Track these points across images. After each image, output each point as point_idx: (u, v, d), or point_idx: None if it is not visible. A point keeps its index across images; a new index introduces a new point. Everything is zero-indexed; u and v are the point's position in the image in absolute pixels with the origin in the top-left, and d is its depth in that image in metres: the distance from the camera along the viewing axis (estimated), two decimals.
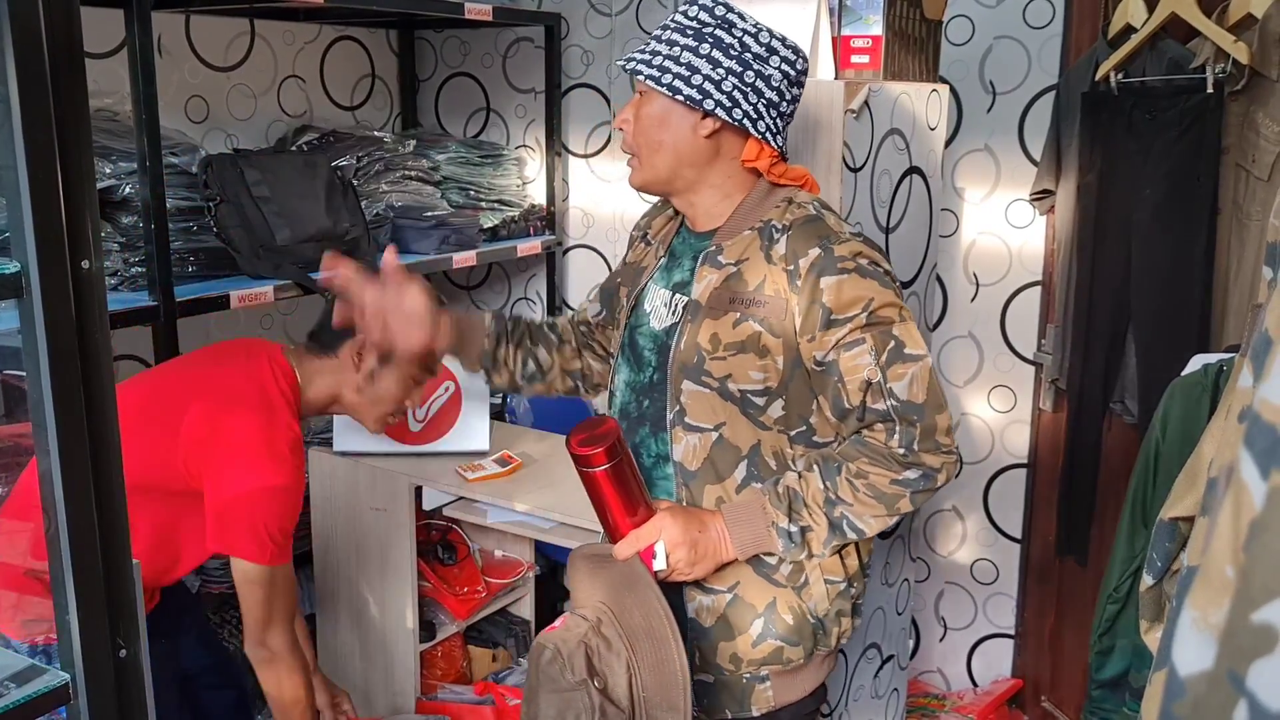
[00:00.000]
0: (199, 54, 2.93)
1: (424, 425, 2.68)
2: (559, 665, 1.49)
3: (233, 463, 1.90)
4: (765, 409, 1.57)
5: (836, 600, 1.65)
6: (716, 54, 1.53)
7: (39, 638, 1.69)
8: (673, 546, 1.54)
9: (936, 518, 3.12)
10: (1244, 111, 2.31)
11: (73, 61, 0.95)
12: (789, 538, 1.55)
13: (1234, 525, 0.72)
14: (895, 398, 1.51)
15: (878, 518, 1.54)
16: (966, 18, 2.82)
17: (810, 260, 1.52)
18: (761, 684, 1.65)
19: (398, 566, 2.60)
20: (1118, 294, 2.54)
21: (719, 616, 1.64)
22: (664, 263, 1.71)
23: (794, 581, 1.63)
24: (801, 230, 1.55)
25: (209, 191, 2.52)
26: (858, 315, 1.50)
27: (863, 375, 1.51)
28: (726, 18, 1.54)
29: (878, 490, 1.52)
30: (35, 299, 0.93)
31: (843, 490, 1.53)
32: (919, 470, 1.52)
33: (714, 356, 1.56)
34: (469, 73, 3.57)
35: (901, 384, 1.50)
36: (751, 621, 1.63)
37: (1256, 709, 0.65)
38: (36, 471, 0.97)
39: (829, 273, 1.51)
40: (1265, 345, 0.75)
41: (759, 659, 1.64)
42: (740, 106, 1.54)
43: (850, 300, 1.50)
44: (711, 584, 1.63)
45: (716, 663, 1.65)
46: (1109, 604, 2.03)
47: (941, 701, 3.08)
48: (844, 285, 1.51)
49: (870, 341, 1.51)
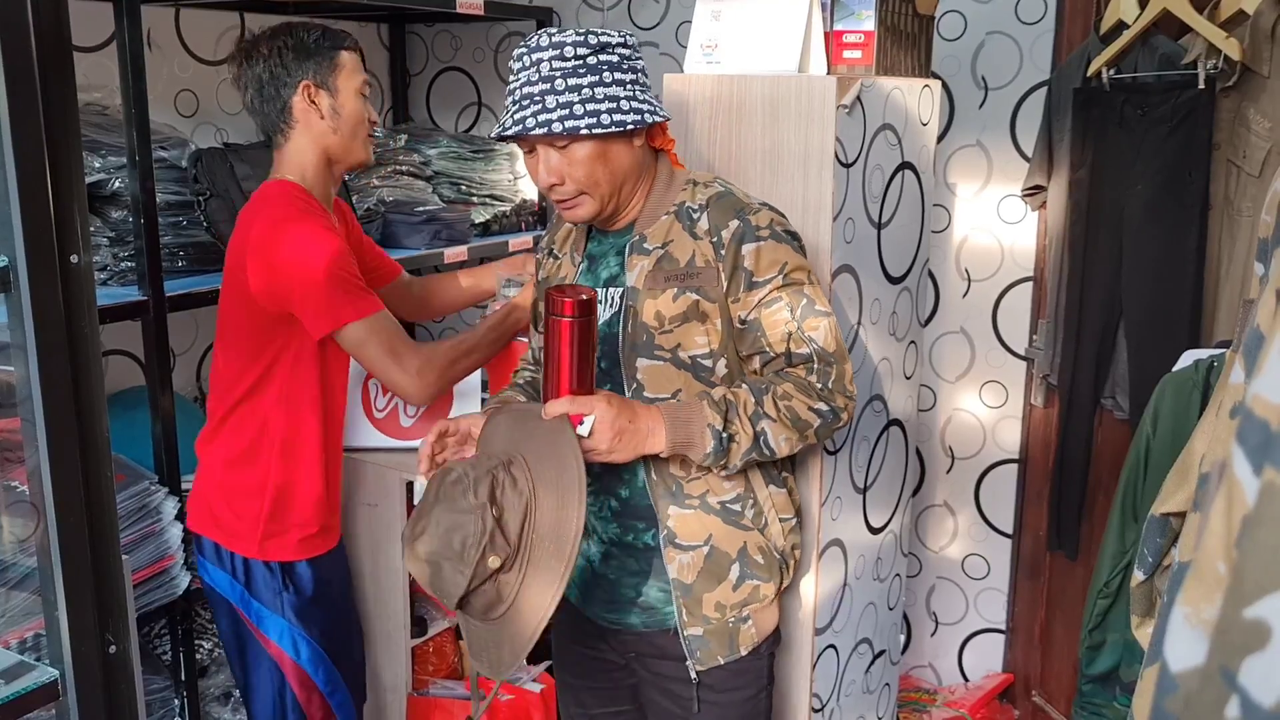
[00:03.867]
0: (189, 48, 2.91)
1: (415, 421, 2.67)
2: (462, 487, 1.56)
3: (293, 259, 2.00)
4: (714, 369, 1.73)
5: (790, 535, 1.84)
6: (618, 75, 1.66)
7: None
8: (599, 426, 1.61)
9: (928, 513, 3.12)
10: (1235, 107, 2.31)
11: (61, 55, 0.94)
12: (720, 440, 1.64)
13: (1226, 521, 0.72)
14: (815, 343, 1.69)
15: (789, 440, 1.69)
16: (959, 13, 2.82)
17: (731, 231, 1.69)
18: (745, 624, 1.80)
19: (389, 561, 2.60)
20: (1109, 289, 2.54)
21: (699, 570, 1.76)
22: (584, 267, 1.83)
23: (758, 524, 1.79)
24: (718, 205, 1.72)
25: (199, 186, 2.51)
26: (774, 277, 1.69)
27: (782, 328, 1.69)
28: (600, 42, 1.65)
29: (795, 414, 1.67)
30: (23, 293, 0.93)
31: (768, 407, 1.66)
32: (828, 405, 1.70)
33: (662, 331, 1.71)
34: (460, 67, 3.56)
35: (818, 333, 1.70)
36: (729, 567, 1.77)
37: (1248, 705, 0.65)
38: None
39: (748, 240, 1.69)
40: (1257, 341, 0.75)
41: (740, 601, 1.78)
42: (647, 104, 1.68)
43: (769, 263, 1.69)
44: (687, 540, 1.75)
45: (704, 614, 1.77)
46: (1100, 599, 2.04)
47: (933, 696, 3.08)
48: (762, 251, 1.69)
49: (786, 299, 1.69)
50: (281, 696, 2.25)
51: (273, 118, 2.12)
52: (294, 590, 2.21)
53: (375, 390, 2.61)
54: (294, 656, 2.23)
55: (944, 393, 3.03)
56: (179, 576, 2.36)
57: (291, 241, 2.01)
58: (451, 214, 3.05)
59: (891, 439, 2.33)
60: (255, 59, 2.09)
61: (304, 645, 2.24)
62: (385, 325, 2.06)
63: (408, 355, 2.07)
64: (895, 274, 2.23)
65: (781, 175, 1.97)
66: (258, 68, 2.09)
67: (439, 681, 2.80)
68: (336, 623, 2.31)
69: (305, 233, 2.02)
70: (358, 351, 2.07)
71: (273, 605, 2.20)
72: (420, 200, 3.01)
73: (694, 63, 2.11)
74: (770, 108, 1.97)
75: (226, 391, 2.16)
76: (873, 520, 2.29)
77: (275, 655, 2.22)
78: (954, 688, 3.13)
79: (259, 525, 2.16)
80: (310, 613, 2.24)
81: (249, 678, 2.26)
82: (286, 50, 2.08)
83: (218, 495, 2.18)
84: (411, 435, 2.65)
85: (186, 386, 2.97)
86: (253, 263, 2.03)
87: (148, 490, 2.30)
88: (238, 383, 2.14)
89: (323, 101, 2.10)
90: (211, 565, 2.21)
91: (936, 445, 3.08)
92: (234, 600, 2.21)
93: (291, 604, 2.21)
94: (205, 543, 2.21)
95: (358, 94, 2.14)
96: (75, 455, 1.00)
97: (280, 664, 2.23)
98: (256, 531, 2.16)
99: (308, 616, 2.23)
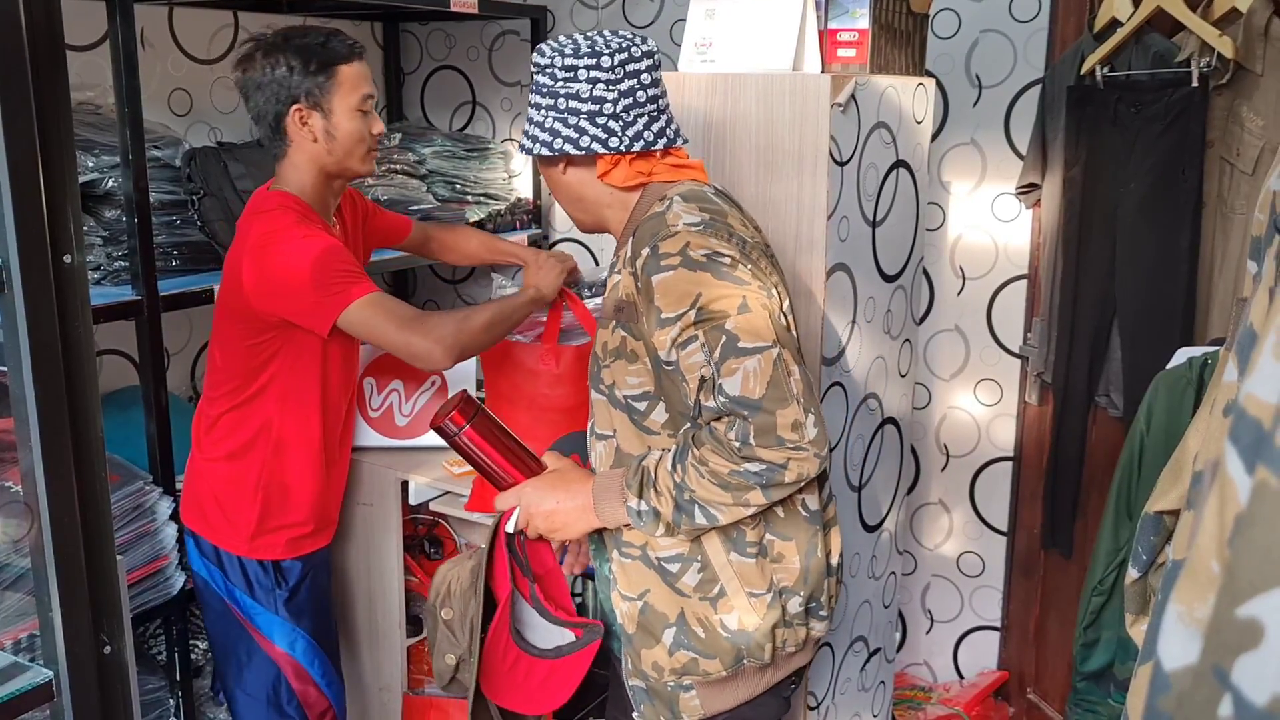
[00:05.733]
0: (182, 46, 2.90)
1: (410, 420, 2.67)
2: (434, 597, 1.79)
3: (281, 271, 1.98)
4: (647, 414, 1.58)
5: (768, 613, 1.59)
6: (536, 98, 1.61)
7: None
8: (529, 515, 1.61)
9: (923, 511, 3.13)
10: (1228, 105, 2.32)
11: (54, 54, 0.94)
12: (639, 516, 1.56)
13: (1219, 520, 0.73)
14: (725, 394, 1.45)
15: (727, 506, 1.50)
16: (953, 11, 2.82)
17: (643, 260, 1.52)
18: (686, 693, 1.63)
19: (384, 561, 2.60)
20: (1103, 287, 2.55)
21: (636, 623, 1.66)
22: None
23: (705, 592, 1.59)
24: (643, 229, 1.56)
25: (192, 185, 2.50)
26: (686, 312, 1.47)
27: (697, 373, 1.48)
28: (535, 62, 1.61)
29: (720, 478, 1.47)
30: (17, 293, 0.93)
31: (689, 476, 1.49)
32: (759, 464, 1.45)
33: (603, 365, 1.62)
34: (454, 66, 3.56)
35: (733, 379, 1.45)
36: (663, 630, 1.62)
37: (1241, 704, 0.65)
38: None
39: (655, 271, 1.50)
40: (1250, 340, 0.75)
41: (678, 668, 1.63)
42: (560, 136, 1.59)
43: (677, 298, 1.48)
44: (625, 590, 1.66)
45: (643, 669, 1.67)
46: (1094, 596, 2.04)
47: (928, 694, 3.09)
48: (668, 282, 1.48)
49: (702, 338, 1.46)
50: (276, 692, 2.25)
51: (268, 134, 2.10)
52: (286, 586, 2.22)
53: (370, 390, 2.60)
54: (289, 651, 2.23)
55: (939, 391, 3.04)
56: (174, 576, 2.36)
57: (280, 254, 1.99)
58: (446, 213, 3.05)
59: (886, 437, 2.33)
60: (251, 70, 2.06)
61: (300, 639, 2.24)
62: (386, 300, 2.02)
63: (418, 321, 2.00)
64: (890, 272, 2.23)
65: (776, 174, 1.97)
66: (252, 83, 2.06)
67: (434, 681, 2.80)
68: (325, 615, 2.33)
69: (293, 244, 1.99)
70: (368, 333, 2.02)
71: (266, 602, 2.20)
72: (415, 199, 3.00)
73: (688, 61, 2.11)
74: (765, 106, 1.97)
75: (222, 390, 2.16)
76: (868, 518, 2.29)
77: (269, 650, 2.23)
78: (949, 685, 3.13)
79: (249, 525, 2.16)
80: (302, 606, 2.24)
81: (241, 674, 2.26)
82: (280, 67, 2.03)
83: (209, 493, 2.19)
84: (406, 434, 2.65)
85: (181, 386, 2.97)
86: (247, 276, 2.02)
87: (142, 490, 2.29)
88: (234, 382, 2.14)
89: (315, 124, 2.06)
90: (201, 561, 2.22)
91: (931, 443, 3.08)
92: (225, 596, 2.21)
93: (284, 600, 2.21)
94: (197, 538, 2.22)
95: (355, 112, 2.07)
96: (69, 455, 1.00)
97: (275, 658, 2.23)
98: (246, 531, 2.16)
99: (300, 610, 2.24)
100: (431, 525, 2.88)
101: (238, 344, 2.12)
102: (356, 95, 2.07)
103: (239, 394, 2.14)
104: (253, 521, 2.16)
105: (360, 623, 2.69)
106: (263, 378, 2.11)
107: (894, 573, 2.50)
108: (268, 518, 2.17)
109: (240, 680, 2.26)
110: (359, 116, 2.08)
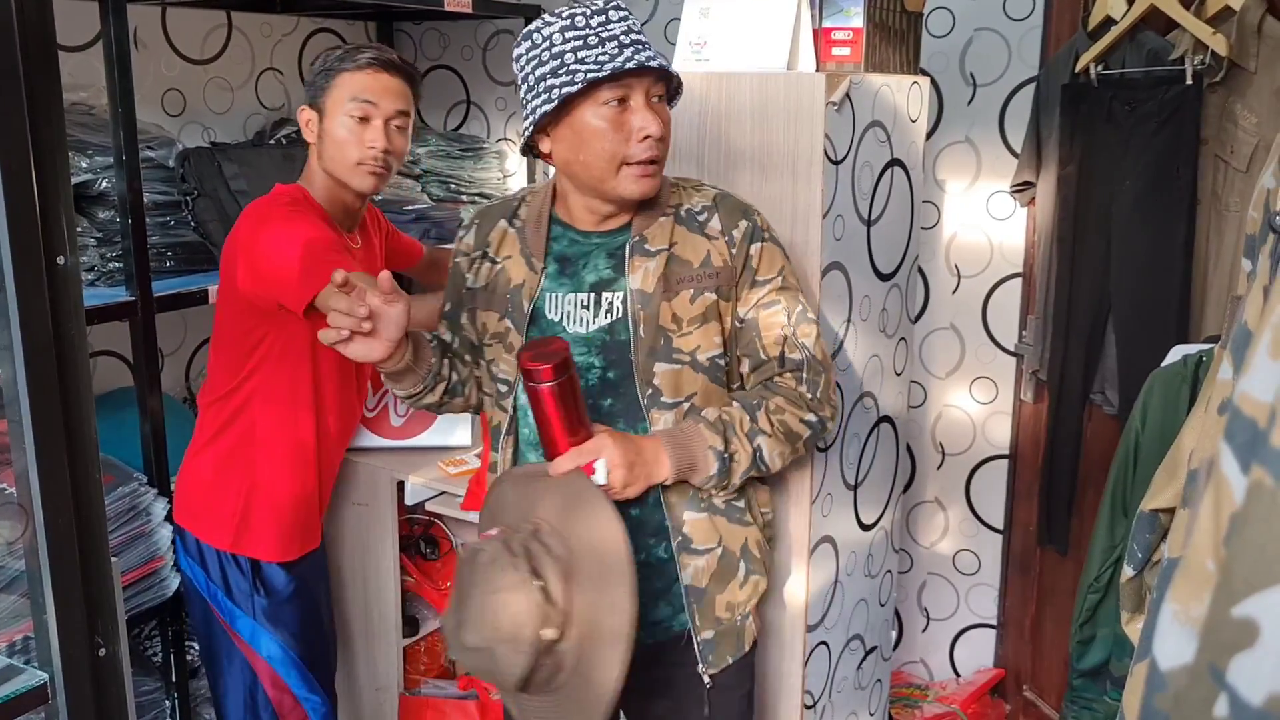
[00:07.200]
0: (175, 47, 2.90)
1: (405, 420, 2.66)
2: (499, 566, 1.45)
3: (270, 245, 1.97)
4: (725, 368, 1.74)
5: (767, 529, 1.86)
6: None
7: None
8: (612, 466, 1.59)
9: (919, 509, 3.13)
10: (1222, 103, 2.32)
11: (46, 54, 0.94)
12: (722, 461, 1.65)
13: (1214, 519, 0.73)
14: (807, 350, 1.71)
15: (782, 455, 1.71)
16: (947, 10, 2.82)
17: (743, 231, 1.71)
18: (747, 620, 1.81)
19: (380, 561, 2.60)
20: (1098, 285, 2.55)
21: (712, 573, 1.75)
22: (552, 270, 1.73)
23: (756, 519, 1.81)
24: (725, 206, 1.74)
25: (186, 185, 2.50)
26: (774, 279, 1.72)
27: (777, 331, 1.71)
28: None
29: (788, 428, 1.69)
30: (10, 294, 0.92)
31: (763, 422, 1.67)
32: (817, 416, 1.72)
33: (680, 334, 1.69)
34: (449, 65, 3.56)
35: (810, 340, 1.71)
36: (737, 566, 1.77)
37: (1237, 703, 0.65)
38: None
39: (756, 239, 1.72)
40: (1244, 338, 0.75)
41: (746, 598, 1.79)
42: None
43: (769, 264, 1.72)
44: (701, 544, 1.73)
45: (716, 616, 1.76)
46: (1090, 594, 2.04)
47: (924, 692, 3.09)
48: (765, 251, 1.72)
49: (784, 302, 1.71)
50: (253, 696, 2.24)
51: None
52: (264, 592, 2.21)
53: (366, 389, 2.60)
54: (265, 657, 2.23)
55: (934, 389, 3.04)
56: (169, 578, 2.35)
57: (273, 231, 2.00)
58: (441, 212, 3.04)
59: (882, 435, 2.33)
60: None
61: (275, 647, 2.23)
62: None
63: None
64: (885, 271, 2.23)
65: (771, 173, 1.97)
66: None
67: (431, 681, 2.80)
68: (310, 626, 2.30)
69: (291, 223, 2.00)
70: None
71: (244, 606, 2.20)
72: (409, 199, 3.00)
73: (683, 60, 2.11)
74: (759, 105, 1.96)
75: (216, 387, 2.16)
76: (864, 517, 2.29)
77: (247, 653, 2.22)
78: (945, 683, 3.13)
79: (232, 519, 2.16)
80: (281, 615, 2.23)
81: (221, 674, 2.26)
82: (316, 64, 2.13)
83: (195, 485, 2.20)
84: (402, 435, 2.65)
85: (175, 387, 2.96)
86: (241, 258, 2.03)
87: (137, 491, 2.29)
88: (227, 379, 2.14)
89: (313, 123, 2.12)
90: (186, 560, 2.22)
91: (927, 441, 3.08)
92: (207, 597, 2.21)
93: (262, 607, 2.21)
94: (183, 535, 2.23)
95: (346, 117, 2.07)
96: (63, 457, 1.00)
97: (252, 663, 2.23)
98: (229, 525, 2.16)
99: (278, 619, 2.23)
100: (427, 525, 2.88)
101: (228, 332, 2.14)
102: (350, 100, 2.07)
103: (225, 385, 2.15)
104: (235, 514, 2.16)
105: (356, 623, 2.69)
106: (248, 367, 2.11)
107: (890, 571, 2.50)
108: (250, 513, 2.17)
109: (220, 681, 2.27)
110: (350, 123, 2.07)
